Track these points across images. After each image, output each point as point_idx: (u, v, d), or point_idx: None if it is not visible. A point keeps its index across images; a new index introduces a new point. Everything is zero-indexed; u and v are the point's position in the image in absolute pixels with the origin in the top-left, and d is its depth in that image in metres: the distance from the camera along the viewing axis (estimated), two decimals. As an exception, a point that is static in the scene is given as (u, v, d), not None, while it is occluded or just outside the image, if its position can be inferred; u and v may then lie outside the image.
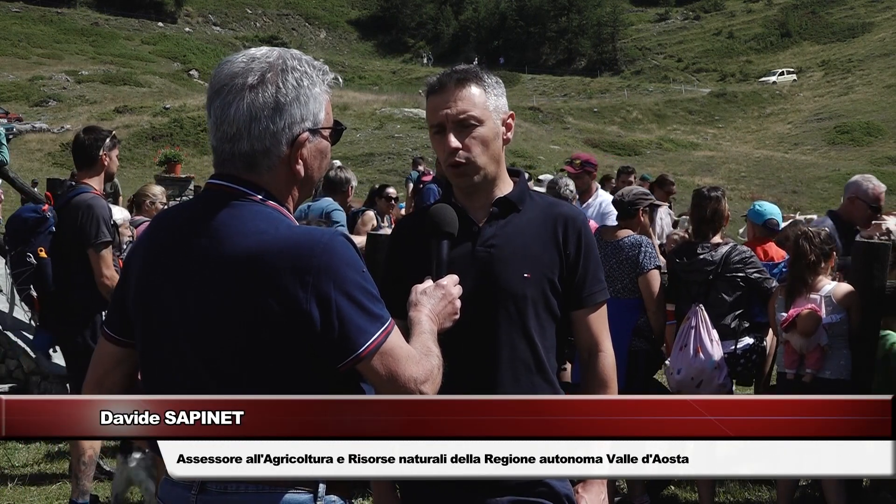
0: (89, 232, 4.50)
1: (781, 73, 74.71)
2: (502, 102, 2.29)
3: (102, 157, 4.68)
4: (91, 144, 4.67)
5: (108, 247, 4.55)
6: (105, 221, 4.55)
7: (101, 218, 4.53)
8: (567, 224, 2.29)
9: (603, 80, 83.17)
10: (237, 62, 1.76)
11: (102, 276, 4.52)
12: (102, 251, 4.53)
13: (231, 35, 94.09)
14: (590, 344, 2.34)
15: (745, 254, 4.80)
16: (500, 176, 2.32)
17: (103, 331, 1.91)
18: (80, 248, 4.54)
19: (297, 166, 1.78)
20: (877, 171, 40.49)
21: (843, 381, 4.45)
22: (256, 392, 1.67)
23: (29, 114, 45.30)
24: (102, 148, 4.68)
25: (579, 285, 2.29)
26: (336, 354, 1.67)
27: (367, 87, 65.36)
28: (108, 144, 4.71)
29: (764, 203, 5.99)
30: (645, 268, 4.75)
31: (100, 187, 4.74)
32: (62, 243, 4.59)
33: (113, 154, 4.75)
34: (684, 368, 4.62)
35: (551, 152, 42.42)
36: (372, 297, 1.70)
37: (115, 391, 1.89)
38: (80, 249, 4.54)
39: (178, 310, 1.72)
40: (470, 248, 2.25)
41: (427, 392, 1.72)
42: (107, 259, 4.54)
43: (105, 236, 4.53)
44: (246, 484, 1.68)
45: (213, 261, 1.69)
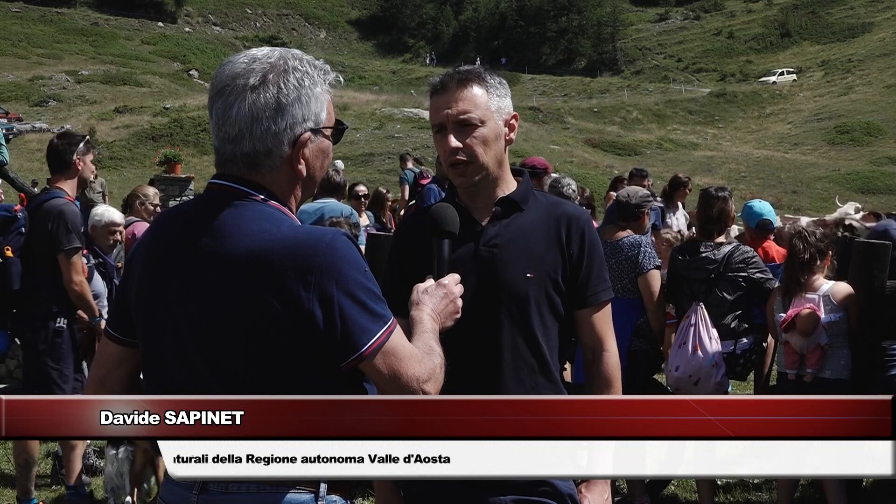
0: (60, 238, 4.55)
1: (781, 73, 74.65)
2: (505, 103, 2.29)
3: (76, 162, 4.72)
4: (64, 149, 4.71)
5: (77, 252, 4.62)
6: (75, 228, 4.61)
7: (72, 224, 4.59)
8: (570, 223, 2.29)
9: (603, 80, 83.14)
10: (239, 63, 1.76)
11: (72, 282, 4.59)
12: (73, 257, 4.59)
13: (231, 35, 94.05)
14: (594, 343, 2.34)
15: (748, 254, 4.81)
16: (503, 176, 2.32)
17: (106, 331, 1.92)
18: (49, 253, 4.60)
19: (300, 166, 1.78)
20: (877, 171, 40.57)
21: (843, 380, 4.45)
22: (259, 392, 1.67)
23: (29, 114, 45.27)
24: (76, 152, 4.71)
25: (583, 285, 2.29)
26: (339, 354, 1.67)
27: (367, 87, 65.33)
28: (82, 149, 4.75)
29: (755, 202, 5.90)
30: (644, 268, 4.77)
31: (73, 192, 4.77)
32: (31, 246, 4.64)
33: (87, 159, 4.79)
34: (682, 365, 4.63)
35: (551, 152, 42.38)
36: (374, 297, 1.70)
37: (118, 391, 1.90)
38: (49, 254, 4.60)
39: (181, 310, 1.72)
40: (473, 248, 2.25)
41: (430, 391, 1.73)
42: (76, 265, 4.62)
43: (75, 242, 4.59)
44: (247, 484, 1.69)
45: (215, 261, 1.70)
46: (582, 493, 2.29)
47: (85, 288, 4.67)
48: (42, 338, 4.61)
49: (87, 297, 4.68)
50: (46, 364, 4.60)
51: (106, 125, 41.87)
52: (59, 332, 4.64)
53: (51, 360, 4.61)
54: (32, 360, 4.66)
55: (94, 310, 4.79)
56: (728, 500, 5.22)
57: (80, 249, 4.63)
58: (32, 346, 4.65)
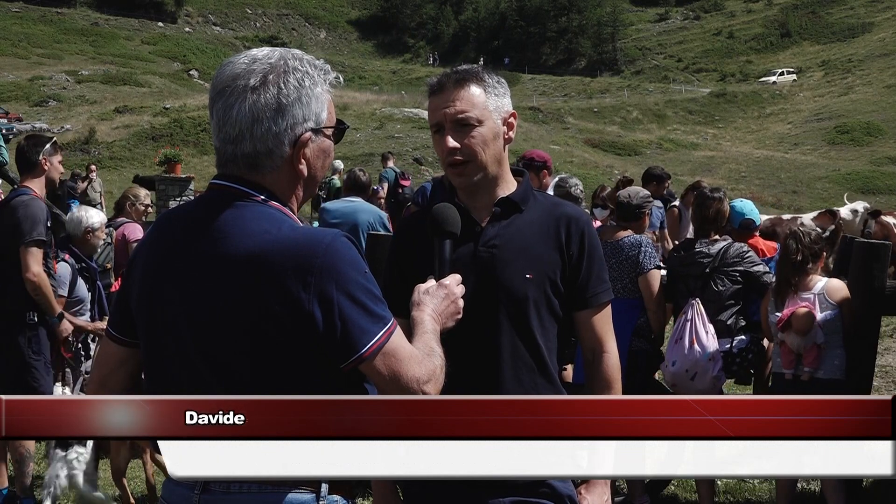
0: (22, 231, 4.68)
1: (781, 73, 74.60)
2: (504, 102, 2.28)
3: (42, 162, 4.90)
4: (30, 150, 4.92)
5: (38, 245, 4.72)
6: (40, 221, 4.72)
7: (36, 218, 4.71)
8: (570, 224, 2.28)
9: (603, 80, 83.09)
10: (239, 63, 1.76)
11: (29, 272, 4.67)
12: (32, 248, 4.69)
13: (231, 35, 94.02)
14: (594, 344, 2.34)
15: (742, 249, 4.86)
16: (503, 176, 2.31)
17: (107, 331, 1.92)
18: (15, 247, 4.72)
19: (300, 166, 1.78)
20: (877, 171, 40.55)
21: (837, 380, 4.45)
22: (260, 392, 1.67)
23: (29, 114, 45.26)
24: (42, 153, 4.90)
25: (583, 286, 2.28)
26: (339, 355, 1.68)
27: (367, 87, 65.29)
28: (49, 150, 4.94)
29: (736, 202, 5.77)
30: (645, 268, 4.79)
31: (41, 191, 4.93)
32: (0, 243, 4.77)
33: (54, 160, 4.96)
34: (679, 360, 4.65)
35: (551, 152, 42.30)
36: (374, 298, 1.70)
37: (119, 391, 1.90)
38: (15, 248, 4.72)
39: (182, 310, 1.73)
40: (472, 248, 2.25)
41: (430, 392, 1.73)
42: (36, 256, 4.71)
43: (39, 235, 4.70)
44: (249, 484, 1.69)
45: (216, 262, 1.70)
46: (581, 493, 2.29)
47: (42, 280, 4.74)
48: (18, 331, 4.74)
49: (44, 291, 4.74)
50: (29, 357, 4.73)
51: (106, 125, 41.87)
52: (32, 325, 4.77)
53: (32, 354, 4.74)
54: (11, 354, 4.75)
55: (53, 306, 4.85)
56: (728, 500, 5.22)
57: (41, 243, 4.73)
58: (10, 341, 4.75)
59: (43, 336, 4.82)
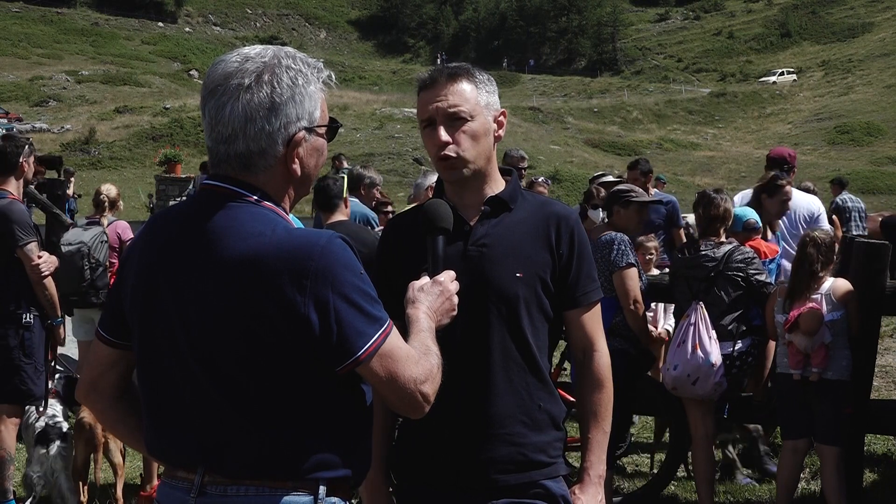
0: (15, 236, 4.72)
1: (781, 73, 74.59)
2: (494, 100, 2.27)
3: (22, 164, 4.92)
4: (12, 152, 4.90)
5: (33, 243, 4.77)
6: (25, 223, 4.77)
7: (21, 221, 4.76)
8: (560, 223, 2.26)
9: (603, 80, 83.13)
10: (231, 62, 1.74)
11: (32, 262, 4.74)
12: (27, 247, 4.74)
13: (231, 35, 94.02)
14: (584, 343, 2.32)
15: (748, 254, 4.79)
16: (491, 174, 2.29)
17: (98, 333, 1.90)
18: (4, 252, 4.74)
19: (294, 165, 1.76)
20: (877, 171, 40.57)
21: (843, 381, 4.44)
22: (255, 395, 1.66)
23: (29, 114, 45.32)
24: (22, 155, 4.91)
25: (573, 285, 2.26)
26: (335, 358, 1.66)
27: (367, 87, 65.33)
28: (27, 151, 4.96)
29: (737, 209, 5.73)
30: (617, 265, 4.69)
31: (18, 192, 4.96)
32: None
33: (30, 160, 5.00)
34: (681, 364, 4.61)
35: (551, 152, 42.39)
36: (370, 299, 1.69)
37: (110, 393, 1.89)
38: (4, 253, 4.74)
39: (176, 313, 1.71)
40: (461, 247, 2.22)
41: (427, 392, 1.72)
42: (35, 250, 4.78)
43: (27, 237, 4.75)
44: (245, 486, 1.67)
45: (210, 264, 1.68)
46: (575, 493, 2.27)
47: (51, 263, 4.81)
48: (12, 334, 4.74)
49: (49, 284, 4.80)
50: (19, 360, 4.74)
51: (106, 125, 41.91)
52: (27, 326, 4.78)
53: (23, 356, 4.75)
54: (3, 356, 4.75)
55: (56, 306, 4.89)
56: (728, 500, 5.21)
57: (34, 241, 4.79)
58: (2, 343, 4.75)
59: (37, 338, 4.81)
